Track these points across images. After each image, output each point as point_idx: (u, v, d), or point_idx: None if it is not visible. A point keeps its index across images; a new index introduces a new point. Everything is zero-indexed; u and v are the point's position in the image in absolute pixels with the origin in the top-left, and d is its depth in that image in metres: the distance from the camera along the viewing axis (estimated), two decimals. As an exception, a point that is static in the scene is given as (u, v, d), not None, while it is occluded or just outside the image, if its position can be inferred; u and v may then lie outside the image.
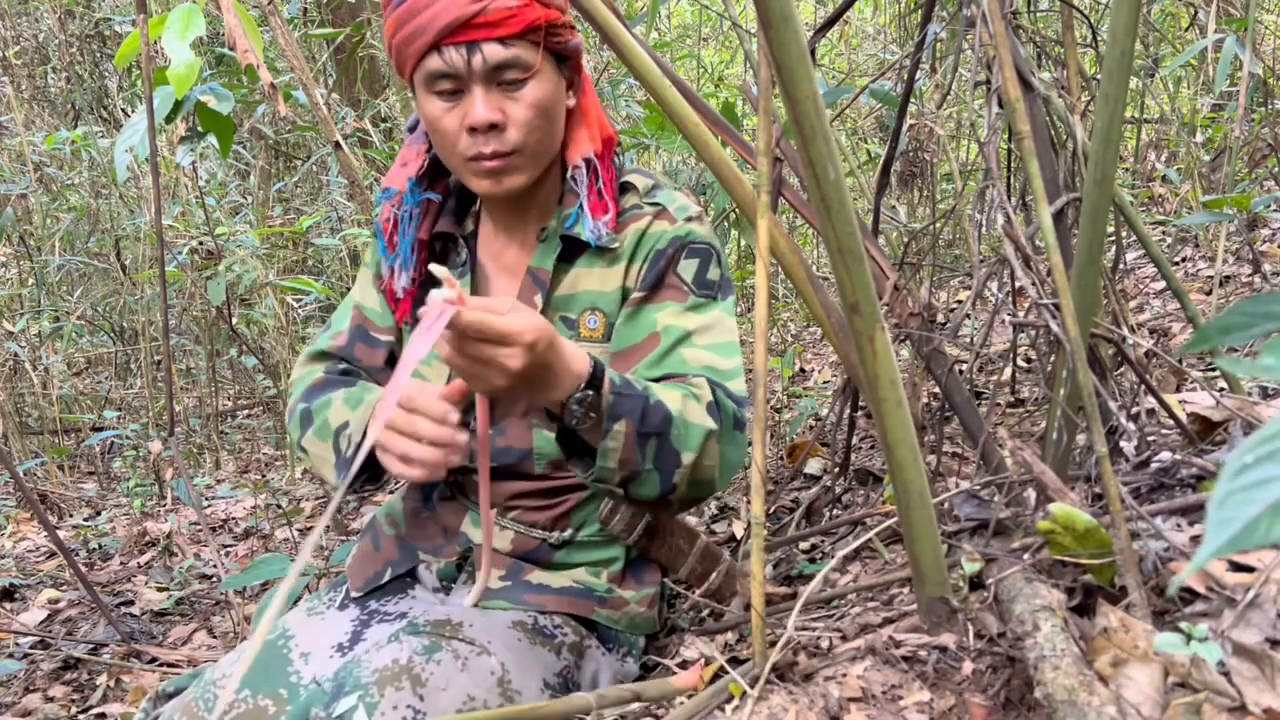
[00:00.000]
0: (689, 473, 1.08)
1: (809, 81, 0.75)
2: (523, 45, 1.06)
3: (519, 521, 1.24)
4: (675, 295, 1.19)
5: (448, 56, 1.05)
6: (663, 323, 1.17)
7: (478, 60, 1.05)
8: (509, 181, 1.13)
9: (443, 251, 1.27)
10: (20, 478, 1.74)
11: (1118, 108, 0.99)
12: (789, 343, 3.37)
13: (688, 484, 1.10)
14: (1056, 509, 0.92)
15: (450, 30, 1.04)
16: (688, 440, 1.07)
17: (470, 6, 1.03)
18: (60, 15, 5.14)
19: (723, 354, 1.17)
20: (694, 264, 1.20)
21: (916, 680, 0.89)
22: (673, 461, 1.07)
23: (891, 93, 1.98)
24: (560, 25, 1.10)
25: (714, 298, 1.20)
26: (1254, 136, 3.02)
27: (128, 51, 1.80)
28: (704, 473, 1.10)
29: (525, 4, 1.05)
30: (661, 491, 1.09)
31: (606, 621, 1.22)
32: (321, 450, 1.20)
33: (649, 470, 1.06)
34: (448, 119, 1.10)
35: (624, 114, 3.24)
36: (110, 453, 3.89)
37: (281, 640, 1.16)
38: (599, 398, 1.01)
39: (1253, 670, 0.76)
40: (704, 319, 1.18)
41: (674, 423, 1.05)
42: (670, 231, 1.20)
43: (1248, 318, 0.55)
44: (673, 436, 1.05)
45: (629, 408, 1.03)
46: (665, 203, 1.22)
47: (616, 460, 1.04)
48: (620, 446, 1.03)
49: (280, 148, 4.74)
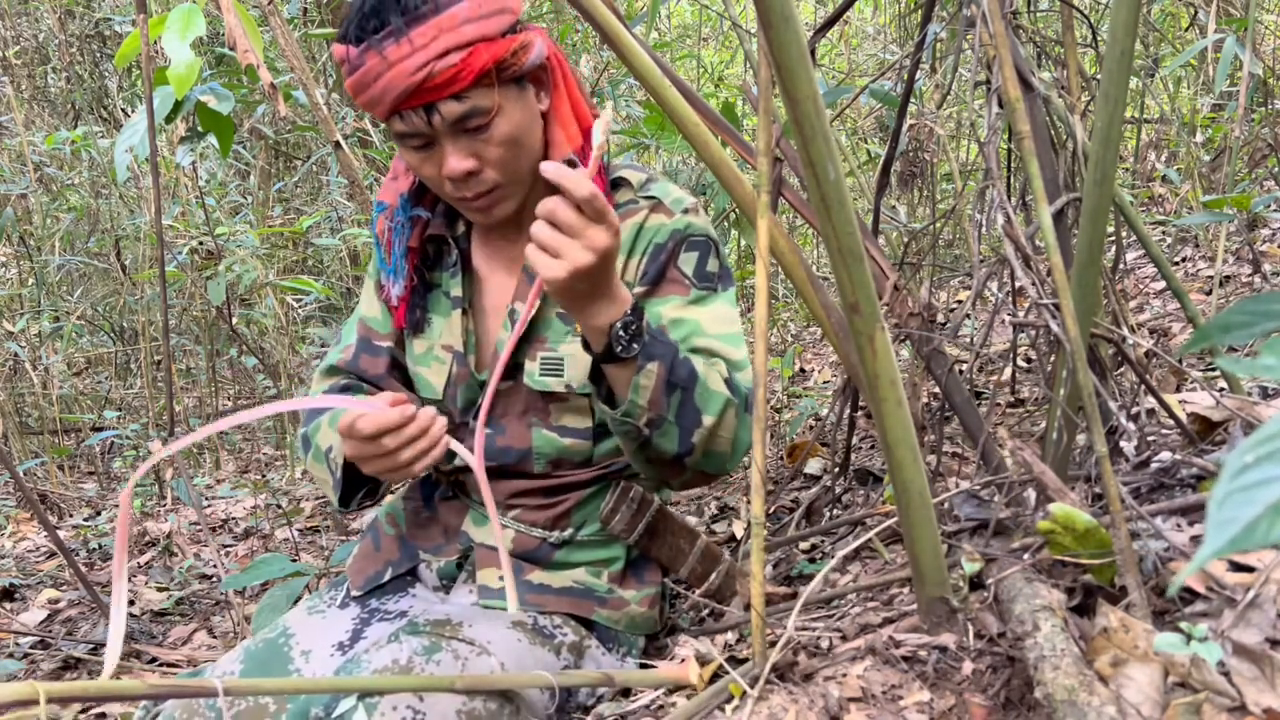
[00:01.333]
0: (706, 437, 1.10)
1: (809, 81, 0.75)
2: (478, 93, 1.06)
3: (519, 521, 1.24)
4: (677, 289, 1.19)
5: (409, 120, 1.07)
6: (668, 316, 1.17)
7: (437, 119, 1.06)
8: (499, 211, 1.16)
9: (436, 254, 1.28)
10: (20, 478, 1.74)
11: (1118, 108, 0.99)
12: (789, 343, 3.37)
13: (703, 451, 1.11)
14: (1056, 509, 0.92)
15: (403, 99, 1.05)
16: (709, 403, 1.09)
17: (415, 77, 1.03)
18: (60, 15, 5.14)
19: (731, 344, 1.18)
20: (694, 256, 1.20)
21: (916, 680, 0.89)
22: (694, 420, 1.08)
23: (891, 93, 1.98)
24: (510, 56, 1.07)
25: (715, 289, 1.21)
26: (1254, 136, 3.02)
27: (128, 51, 1.80)
28: (719, 443, 1.11)
29: (469, 54, 1.03)
30: (680, 449, 1.09)
31: (607, 622, 1.22)
32: (320, 473, 1.24)
33: (671, 422, 1.07)
34: (426, 167, 1.12)
35: (624, 114, 3.24)
36: (110, 453, 3.89)
37: (282, 638, 1.16)
38: (642, 326, 1.03)
39: (1253, 670, 0.76)
40: (708, 311, 1.19)
41: (698, 382, 1.08)
42: (668, 225, 1.20)
43: (1248, 317, 0.55)
44: (696, 394, 1.08)
45: (662, 352, 1.05)
46: (660, 195, 1.22)
47: (646, 399, 1.05)
48: (651, 386, 1.04)
49: (280, 148, 4.74)
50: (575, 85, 1.21)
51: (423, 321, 1.27)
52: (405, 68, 1.02)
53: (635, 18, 3.35)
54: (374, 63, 1.04)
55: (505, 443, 1.23)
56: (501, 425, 1.24)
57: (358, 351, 1.32)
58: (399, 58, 1.02)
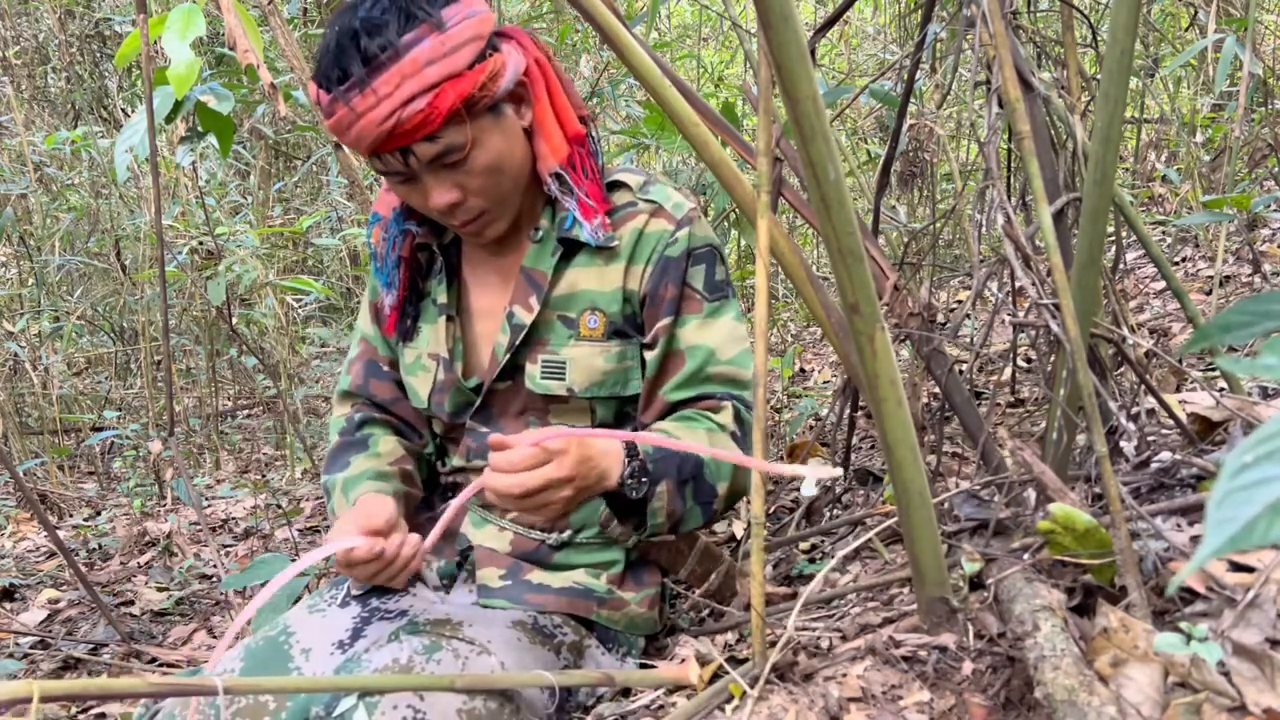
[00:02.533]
0: (725, 497, 1.19)
1: (809, 81, 0.75)
2: (450, 131, 1.06)
3: (517, 522, 1.24)
4: (692, 306, 1.21)
5: (386, 161, 1.08)
6: (686, 340, 1.20)
7: (413, 160, 1.07)
8: (491, 232, 1.17)
9: (428, 262, 1.28)
10: (20, 478, 1.74)
11: (1118, 108, 0.99)
12: (789, 343, 3.37)
13: (725, 505, 1.20)
14: (1056, 509, 0.92)
15: (377, 145, 1.06)
16: (720, 474, 1.17)
17: (383, 126, 1.03)
18: (60, 15, 5.14)
19: (742, 365, 1.21)
20: (701, 270, 1.22)
21: (916, 680, 0.89)
22: (710, 494, 1.17)
23: (891, 93, 1.98)
24: (478, 91, 1.05)
25: (726, 296, 1.23)
26: (1254, 136, 3.02)
27: (128, 51, 1.80)
28: (737, 489, 1.21)
29: (435, 96, 1.02)
30: (705, 520, 1.20)
31: (606, 622, 1.22)
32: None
33: (691, 508, 1.16)
34: (413, 197, 1.14)
35: (624, 114, 3.24)
36: (110, 453, 3.89)
37: (282, 636, 1.16)
38: (641, 464, 1.10)
39: (1253, 670, 0.76)
40: (721, 328, 1.21)
41: (705, 465, 1.15)
42: (676, 239, 1.20)
43: (1248, 317, 0.55)
44: (706, 475, 1.16)
45: (665, 469, 1.12)
46: (660, 200, 1.22)
47: (664, 515, 1.14)
48: (665, 503, 1.13)
49: (280, 148, 4.74)
50: (561, 89, 1.18)
51: (412, 330, 1.29)
52: (372, 118, 1.02)
53: (635, 18, 3.35)
54: (343, 113, 1.04)
55: None
56: (499, 426, 1.24)
57: (366, 376, 1.35)
58: (365, 109, 1.02)
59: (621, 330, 1.21)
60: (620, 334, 1.21)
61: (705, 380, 1.20)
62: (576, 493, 1.04)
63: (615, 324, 1.20)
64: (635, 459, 1.09)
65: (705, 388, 1.20)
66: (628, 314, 1.21)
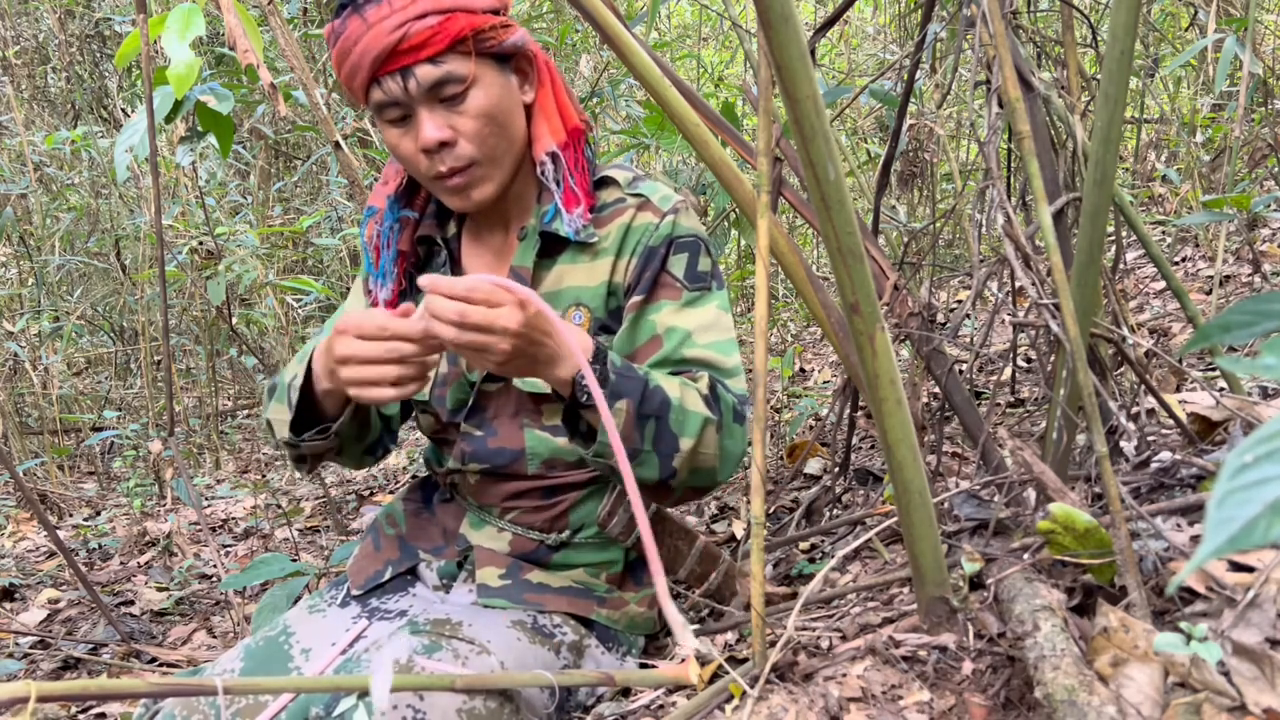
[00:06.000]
0: (688, 459, 1.09)
1: (809, 81, 0.75)
2: (454, 59, 1.07)
3: (516, 523, 1.24)
4: (670, 294, 1.19)
5: (386, 86, 1.08)
6: (663, 324, 1.17)
7: (413, 84, 1.08)
8: (477, 194, 1.15)
9: (427, 256, 1.28)
10: (20, 478, 1.74)
11: (1118, 108, 0.99)
12: (789, 343, 3.37)
13: (688, 471, 1.11)
14: (1056, 509, 0.92)
15: (381, 62, 1.06)
16: (686, 426, 1.08)
17: (391, 36, 1.05)
18: (60, 15, 5.14)
19: (723, 352, 1.17)
20: (684, 259, 1.20)
21: (916, 680, 0.89)
22: (671, 445, 1.08)
23: (891, 93, 1.98)
24: (489, 30, 1.09)
25: (708, 289, 1.21)
26: (1254, 136, 3.02)
27: (128, 51, 1.80)
28: (703, 460, 1.11)
29: (446, 18, 1.06)
30: (661, 475, 1.10)
31: (606, 621, 1.22)
32: (280, 412, 1.19)
33: (648, 451, 1.08)
34: (404, 144, 1.13)
35: (624, 114, 3.24)
36: (110, 453, 3.89)
37: (282, 637, 1.16)
38: (606, 369, 1.04)
39: (1253, 670, 0.76)
40: (702, 315, 1.18)
41: (672, 408, 1.08)
42: (658, 227, 1.20)
43: (1248, 316, 0.55)
44: (671, 421, 1.08)
45: (630, 388, 1.05)
46: (648, 194, 1.22)
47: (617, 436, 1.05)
48: (621, 424, 1.05)
49: (280, 148, 4.74)
50: (564, 90, 1.21)
51: None
52: (383, 28, 1.05)
53: (635, 18, 3.35)
54: (355, 26, 1.06)
55: (498, 444, 1.22)
56: (493, 427, 1.23)
57: None
58: (378, 19, 1.05)
59: (607, 326, 1.21)
60: (606, 329, 1.21)
61: (681, 361, 1.16)
62: (515, 355, 0.96)
63: (601, 320, 1.20)
64: (600, 364, 1.04)
65: (682, 367, 1.16)
66: (613, 308, 1.21)
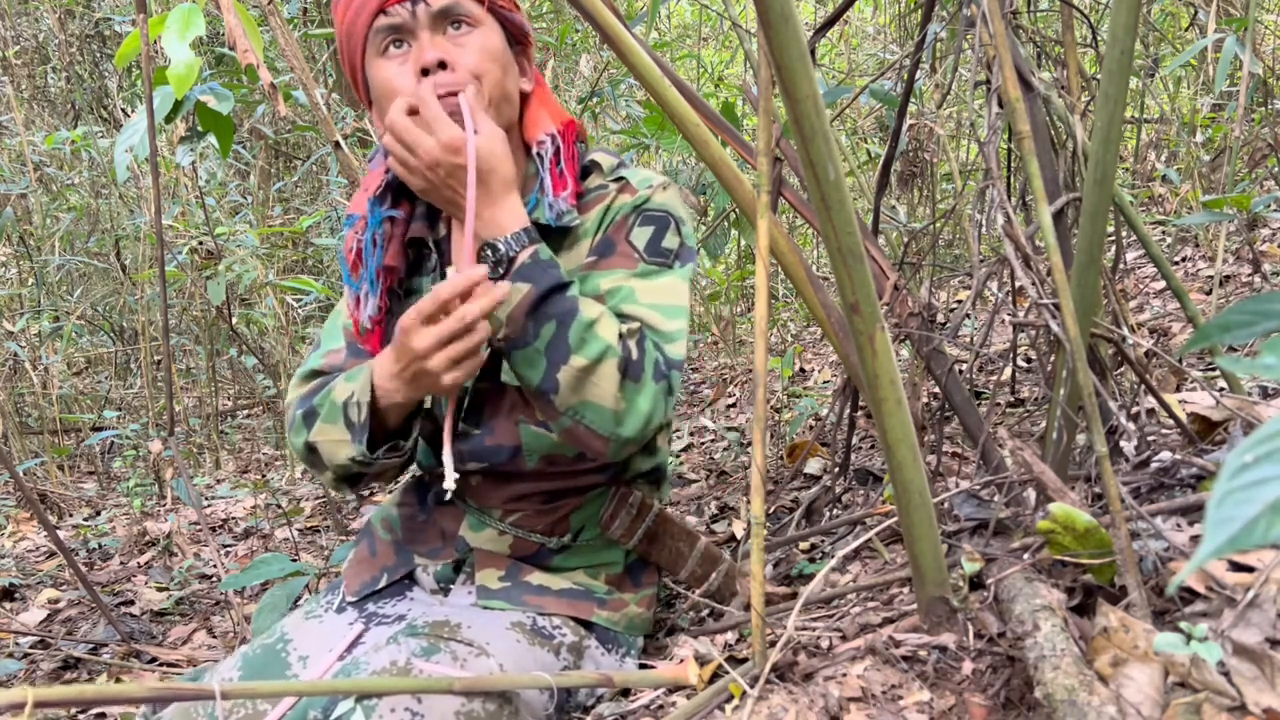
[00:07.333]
0: (576, 380, 1.05)
1: (809, 81, 0.75)
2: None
3: (518, 526, 1.23)
4: (624, 262, 1.15)
5: (393, 11, 1.10)
6: (606, 286, 1.14)
7: (421, 8, 1.09)
8: None
9: (416, 260, 1.26)
10: (20, 478, 1.74)
11: (1118, 108, 0.99)
12: (789, 343, 3.37)
13: (575, 397, 1.06)
14: (1056, 509, 0.91)
15: None
16: (585, 346, 1.04)
17: None
18: (60, 15, 5.14)
19: (665, 315, 1.13)
20: (648, 231, 1.17)
21: (916, 680, 0.89)
22: (561, 355, 1.04)
23: (891, 93, 1.98)
24: None
25: (668, 265, 1.17)
26: (1254, 136, 3.02)
27: (128, 51, 1.80)
28: (596, 394, 1.05)
29: None
30: (542, 383, 1.06)
31: (606, 623, 1.22)
32: (333, 434, 1.16)
33: (538, 351, 1.05)
34: (399, 78, 1.11)
35: (624, 114, 3.24)
36: (110, 453, 3.89)
37: (279, 644, 1.15)
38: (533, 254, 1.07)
39: (1253, 670, 0.75)
40: (654, 286, 1.15)
41: (577, 320, 1.05)
42: (630, 201, 1.19)
43: (1248, 316, 0.55)
44: (571, 331, 1.04)
45: (541, 280, 1.06)
46: (629, 177, 1.21)
47: (506, 314, 1.06)
48: (515, 303, 1.05)
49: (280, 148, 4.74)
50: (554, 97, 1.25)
51: None
52: None
53: (635, 18, 3.35)
54: None
55: (495, 441, 1.21)
56: (489, 425, 1.22)
57: (348, 355, 1.27)
58: None
59: None
60: None
61: (618, 315, 1.11)
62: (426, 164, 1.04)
63: None
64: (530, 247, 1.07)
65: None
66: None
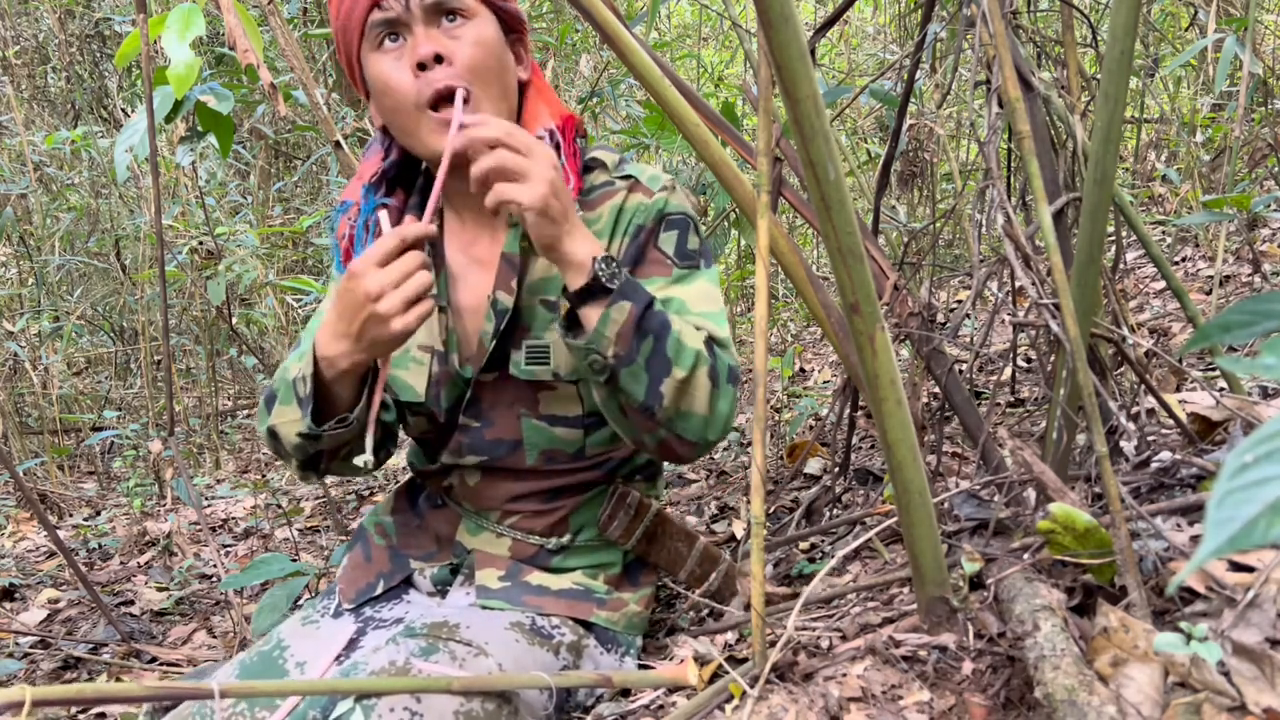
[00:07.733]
0: (677, 390, 1.06)
1: (809, 81, 0.75)
2: None
3: (516, 528, 1.23)
4: (660, 270, 1.18)
5: (387, 5, 1.09)
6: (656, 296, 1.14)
7: (415, 1, 1.09)
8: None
9: None
10: (20, 478, 1.74)
11: (1118, 108, 0.99)
12: (789, 343, 3.37)
13: (675, 407, 1.07)
14: (1056, 509, 0.91)
15: None
16: (680, 356, 1.06)
17: None
18: (60, 15, 5.14)
19: (717, 322, 1.16)
20: (674, 235, 1.19)
21: (916, 680, 0.89)
22: (663, 369, 1.05)
23: (891, 93, 1.98)
24: None
25: (697, 266, 1.19)
26: (1254, 136, 3.02)
27: (128, 51, 1.80)
28: (693, 402, 1.08)
29: None
30: (647, 398, 1.06)
31: (605, 623, 1.22)
32: (288, 414, 1.15)
33: (640, 367, 1.05)
34: (396, 73, 1.11)
35: (624, 114, 3.24)
36: (110, 453, 3.89)
37: (276, 651, 1.15)
38: (621, 268, 1.05)
39: (1253, 670, 0.75)
40: (693, 290, 1.17)
41: (671, 333, 1.06)
42: (648, 205, 1.19)
43: (1248, 316, 0.55)
44: (668, 344, 1.06)
45: (637, 296, 1.05)
46: (636, 174, 1.21)
47: (615, 332, 1.03)
48: (622, 321, 1.03)
49: (280, 148, 4.74)
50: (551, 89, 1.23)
51: None
52: None
53: (635, 18, 3.35)
54: None
55: (495, 435, 1.21)
56: (490, 418, 1.22)
57: None
58: None
59: None
60: None
61: None
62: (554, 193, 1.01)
63: None
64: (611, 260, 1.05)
65: None
66: None
